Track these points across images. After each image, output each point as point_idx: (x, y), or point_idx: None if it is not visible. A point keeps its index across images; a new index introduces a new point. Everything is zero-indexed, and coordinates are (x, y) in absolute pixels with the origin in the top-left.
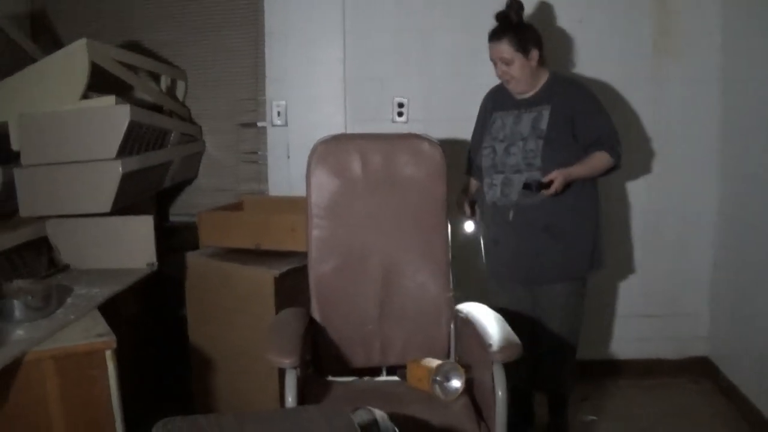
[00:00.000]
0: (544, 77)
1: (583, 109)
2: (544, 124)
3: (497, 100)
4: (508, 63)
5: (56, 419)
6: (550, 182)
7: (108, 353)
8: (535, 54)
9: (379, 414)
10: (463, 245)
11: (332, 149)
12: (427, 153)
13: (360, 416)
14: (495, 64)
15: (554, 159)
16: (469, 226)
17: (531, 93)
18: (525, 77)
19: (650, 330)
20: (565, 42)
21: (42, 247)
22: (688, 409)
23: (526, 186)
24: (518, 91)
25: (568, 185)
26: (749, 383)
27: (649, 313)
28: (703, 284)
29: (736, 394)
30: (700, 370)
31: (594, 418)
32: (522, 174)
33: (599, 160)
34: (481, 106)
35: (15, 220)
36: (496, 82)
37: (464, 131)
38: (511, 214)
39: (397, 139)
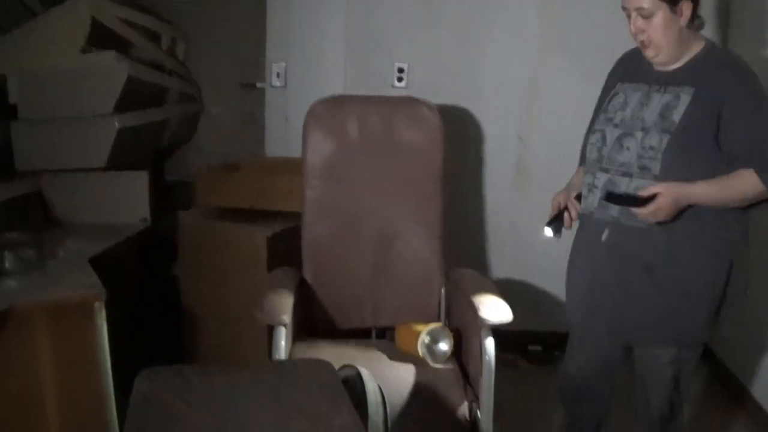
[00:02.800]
0: (696, 47)
1: (736, 101)
2: (677, 114)
3: (629, 68)
4: (645, 16)
5: (45, 370)
6: (649, 199)
7: (97, 305)
8: (685, 8)
9: (365, 372)
10: (457, 211)
11: (329, 110)
12: (426, 118)
13: (345, 373)
14: (628, 16)
15: (679, 167)
16: (548, 232)
17: (674, 65)
18: (668, 41)
19: None
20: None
21: (37, 201)
22: None
23: (610, 197)
24: (658, 61)
25: (682, 211)
26: (746, 371)
27: None
28: None
29: (731, 381)
30: None
31: None
32: (632, 179)
33: (740, 182)
34: (608, 75)
35: (11, 174)
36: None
37: (466, 100)
38: (605, 234)
39: (396, 102)
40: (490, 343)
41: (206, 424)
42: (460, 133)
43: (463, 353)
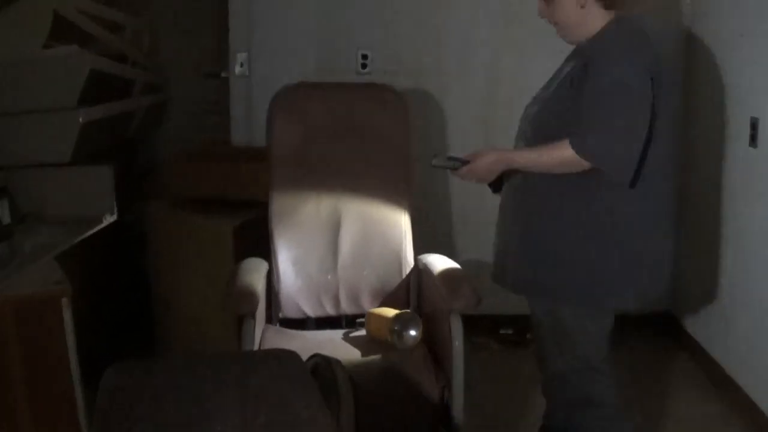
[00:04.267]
0: (600, 23)
1: (593, 70)
2: (553, 86)
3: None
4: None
5: (14, 365)
6: (467, 162)
7: (64, 301)
8: None
9: (334, 361)
10: (425, 196)
11: (294, 97)
12: (391, 102)
13: (314, 361)
14: None
15: (543, 135)
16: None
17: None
18: (571, 22)
19: None
20: None
21: (2, 197)
22: (648, 363)
23: (433, 161)
24: (569, 41)
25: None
26: (712, 340)
27: None
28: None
29: (697, 350)
30: (662, 324)
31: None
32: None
33: (556, 149)
34: None
35: None
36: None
37: (430, 84)
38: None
39: (361, 88)
40: (458, 328)
41: (172, 417)
42: (425, 117)
43: (432, 339)
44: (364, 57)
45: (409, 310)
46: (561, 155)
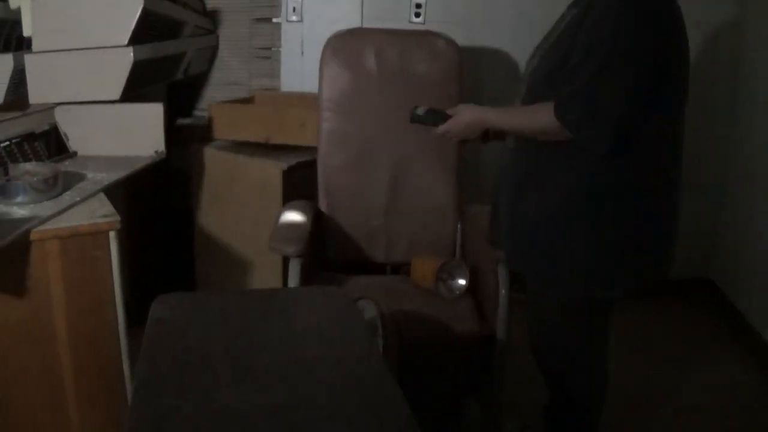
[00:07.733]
0: None
1: (592, 26)
2: (555, 35)
3: None
4: None
5: (57, 298)
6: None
7: (112, 234)
8: None
9: (381, 305)
10: (474, 147)
11: (347, 42)
12: (443, 51)
13: (360, 305)
14: None
15: (538, 93)
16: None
17: None
18: None
19: None
20: None
21: (51, 134)
22: (684, 330)
23: (413, 117)
24: None
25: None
26: (751, 307)
27: None
28: (707, 206)
29: (736, 317)
30: (701, 290)
31: None
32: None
33: (535, 114)
34: None
35: (25, 108)
36: None
37: (482, 36)
38: (512, 141)
39: (413, 35)
40: (504, 279)
41: (219, 348)
42: (477, 69)
43: (478, 289)
44: (418, 6)
45: (456, 259)
46: (540, 121)
